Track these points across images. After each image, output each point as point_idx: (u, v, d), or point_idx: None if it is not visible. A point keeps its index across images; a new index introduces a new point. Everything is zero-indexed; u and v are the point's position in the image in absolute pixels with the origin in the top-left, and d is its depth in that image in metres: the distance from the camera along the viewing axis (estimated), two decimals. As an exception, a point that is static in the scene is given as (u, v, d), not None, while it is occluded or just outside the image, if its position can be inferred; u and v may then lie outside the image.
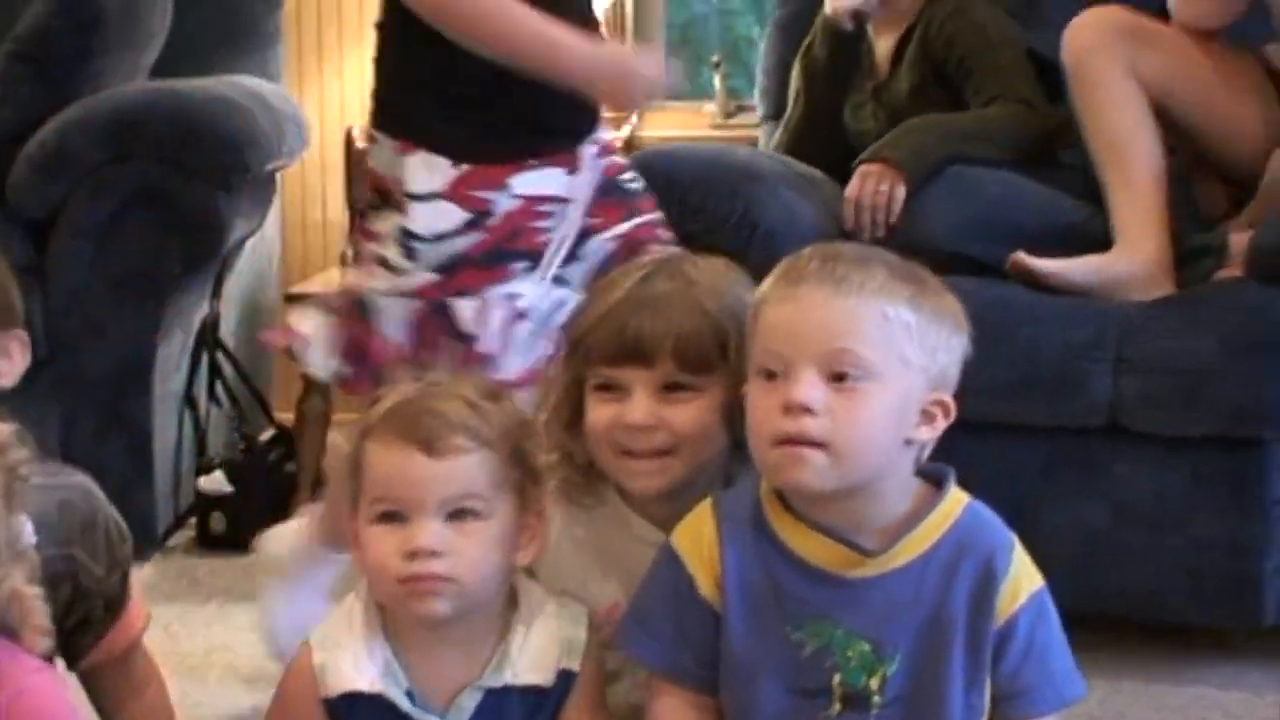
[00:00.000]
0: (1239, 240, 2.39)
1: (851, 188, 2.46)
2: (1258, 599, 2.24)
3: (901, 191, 2.42)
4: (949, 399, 1.41)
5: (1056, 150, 2.62)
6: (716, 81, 3.49)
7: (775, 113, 2.96)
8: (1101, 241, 2.41)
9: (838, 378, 1.35)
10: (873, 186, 2.43)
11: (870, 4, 2.70)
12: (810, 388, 1.35)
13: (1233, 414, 2.21)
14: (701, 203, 2.40)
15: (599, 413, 1.58)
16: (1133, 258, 2.37)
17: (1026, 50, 2.66)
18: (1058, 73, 2.52)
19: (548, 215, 1.92)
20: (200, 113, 2.76)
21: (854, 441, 1.35)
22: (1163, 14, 2.52)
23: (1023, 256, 2.36)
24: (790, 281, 1.40)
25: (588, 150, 1.97)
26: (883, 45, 2.77)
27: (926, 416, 1.40)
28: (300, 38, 3.56)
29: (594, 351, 1.58)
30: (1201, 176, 2.56)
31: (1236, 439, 2.23)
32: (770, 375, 1.38)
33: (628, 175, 2.03)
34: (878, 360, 1.35)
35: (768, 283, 1.43)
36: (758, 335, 1.41)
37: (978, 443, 2.27)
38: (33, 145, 2.77)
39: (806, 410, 1.35)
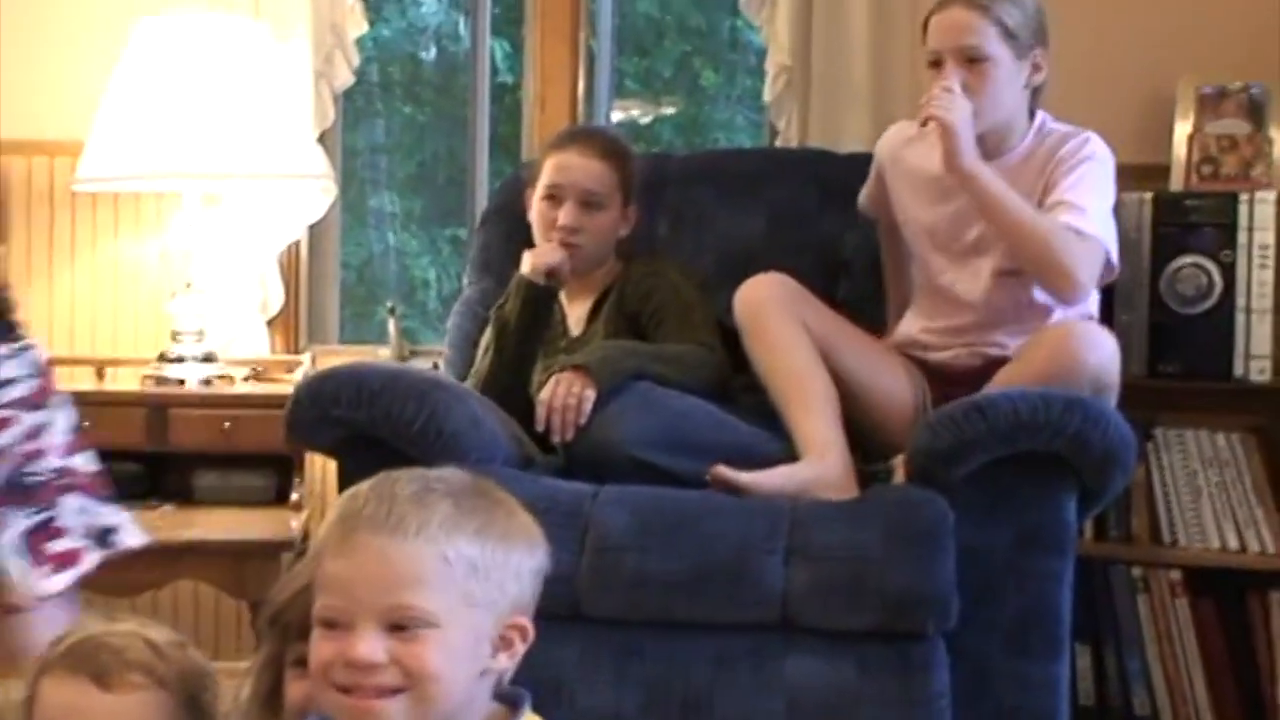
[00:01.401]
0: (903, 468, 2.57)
1: (545, 391, 2.55)
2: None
3: (591, 394, 2.51)
4: (526, 622, 1.40)
5: (733, 392, 2.75)
6: (391, 326, 3.44)
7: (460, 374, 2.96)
8: (778, 462, 2.53)
9: (401, 628, 1.33)
10: (564, 390, 2.52)
11: (563, 267, 2.79)
12: (372, 645, 1.33)
13: (895, 605, 2.29)
14: (388, 408, 2.44)
15: (296, 689, 1.55)
16: (821, 461, 2.52)
17: (717, 319, 2.83)
18: (738, 343, 2.71)
19: None
20: None
21: (426, 686, 1.33)
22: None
23: (723, 469, 2.47)
24: (347, 529, 1.36)
25: None
26: (578, 308, 2.90)
27: (504, 643, 1.39)
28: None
29: (292, 627, 1.55)
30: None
31: (901, 632, 2.30)
32: (330, 624, 1.36)
33: None
34: (439, 609, 1.33)
35: (327, 526, 1.39)
36: (318, 584, 1.38)
37: (652, 638, 2.34)
38: None
39: (371, 667, 1.33)
